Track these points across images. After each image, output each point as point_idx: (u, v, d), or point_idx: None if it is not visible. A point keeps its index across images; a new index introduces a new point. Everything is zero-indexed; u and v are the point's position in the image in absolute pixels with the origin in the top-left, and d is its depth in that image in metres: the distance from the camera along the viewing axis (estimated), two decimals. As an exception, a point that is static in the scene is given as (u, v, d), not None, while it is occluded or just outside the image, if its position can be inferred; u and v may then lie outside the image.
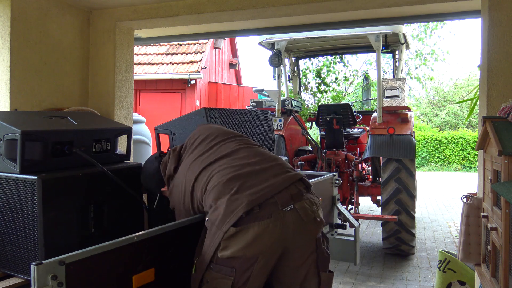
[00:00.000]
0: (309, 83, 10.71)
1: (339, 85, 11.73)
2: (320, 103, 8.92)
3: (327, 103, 10.10)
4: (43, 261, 1.18)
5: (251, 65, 51.07)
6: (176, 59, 11.50)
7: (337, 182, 3.10)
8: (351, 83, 13.50)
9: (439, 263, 3.59)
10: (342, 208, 3.16)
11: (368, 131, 5.53)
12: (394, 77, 6.34)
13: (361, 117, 6.12)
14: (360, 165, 5.54)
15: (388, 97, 5.46)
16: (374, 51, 5.58)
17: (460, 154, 18.05)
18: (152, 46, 11.94)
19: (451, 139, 18.32)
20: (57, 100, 3.38)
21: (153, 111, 10.71)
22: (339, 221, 3.16)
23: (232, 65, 14.63)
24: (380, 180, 5.12)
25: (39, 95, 3.20)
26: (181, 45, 11.86)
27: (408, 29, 6.03)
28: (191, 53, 11.62)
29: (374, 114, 5.33)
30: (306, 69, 10.66)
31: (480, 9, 2.74)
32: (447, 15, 3.44)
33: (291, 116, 5.89)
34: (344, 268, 4.76)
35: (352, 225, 3.06)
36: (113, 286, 1.42)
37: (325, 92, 10.58)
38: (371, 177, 5.77)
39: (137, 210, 2.20)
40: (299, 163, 5.44)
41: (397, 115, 5.22)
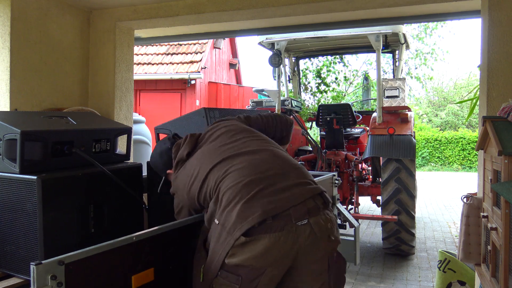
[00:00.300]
0: (309, 83, 10.71)
1: (339, 85, 11.73)
2: (320, 103, 8.92)
3: (327, 103, 10.10)
4: (43, 261, 1.18)
5: (251, 65, 51.15)
6: (176, 59, 11.50)
7: (337, 182, 3.10)
8: (351, 83, 13.50)
9: (439, 263, 3.59)
10: (342, 208, 3.16)
11: (368, 131, 5.53)
12: (394, 77, 6.34)
13: (361, 117, 6.12)
14: (360, 165, 5.54)
15: (388, 97, 5.46)
16: (374, 51, 5.57)
17: (460, 154, 18.05)
18: (152, 46, 11.94)
19: (451, 139, 18.32)
20: (57, 100, 3.38)
21: (153, 111, 10.71)
22: (339, 221, 3.16)
23: (232, 65, 14.63)
24: (380, 180, 5.12)
25: (39, 95, 3.20)
26: (181, 45, 11.86)
27: (408, 29, 6.04)
28: (191, 53, 11.62)
29: (374, 114, 5.33)
30: (306, 69, 10.66)
31: (480, 9, 2.74)
32: (447, 15, 3.44)
33: (291, 116, 5.89)
34: (344, 268, 4.75)
35: (352, 225, 3.06)
36: (112, 286, 1.42)
37: (325, 92, 10.58)
38: (371, 177, 5.77)
39: (137, 210, 2.20)
40: (299, 163, 5.43)
41: (397, 115, 5.22)
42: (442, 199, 9.78)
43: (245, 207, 1.47)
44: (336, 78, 11.12)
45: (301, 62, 8.51)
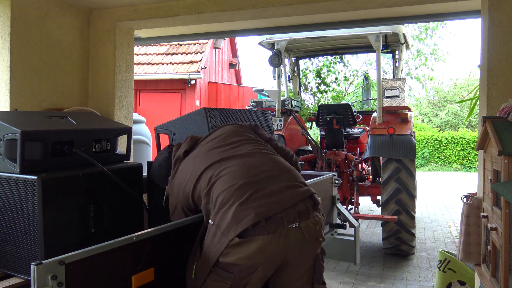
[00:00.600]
0: (309, 83, 10.71)
1: (339, 85, 11.74)
2: (320, 103, 8.92)
3: (327, 103, 10.10)
4: (43, 261, 1.18)
5: (251, 65, 51.13)
6: (176, 59, 11.50)
7: (337, 182, 3.10)
8: (351, 83, 13.50)
9: (439, 263, 3.59)
10: (342, 208, 3.16)
11: (368, 131, 5.54)
12: (394, 77, 6.34)
13: (361, 117, 6.12)
14: (360, 165, 5.54)
15: (388, 97, 5.46)
16: (374, 51, 5.58)
17: (460, 154, 18.06)
18: (152, 46, 11.94)
19: (451, 139, 18.33)
20: (57, 100, 3.38)
21: (153, 111, 10.71)
22: (339, 221, 3.16)
23: (232, 65, 14.62)
24: (380, 180, 5.12)
25: (39, 95, 3.20)
26: (181, 45, 11.86)
27: (408, 30, 6.04)
28: (191, 53, 11.62)
29: (374, 114, 5.33)
30: (306, 69, 10.66)
31: (480, 9, 2.74)
32: (447, 15, 3.44)
33: (291, 116, 5.89)
34: (344, 268, 4.76)
35: (352, 225, 3.06)
36: (112, 286, 1.42)
37: (325, 92, 10.58)
38: (371, 177, 5.77)
39: (137, 210, 2.20)
40: (299, 163, 5.43)
41: (397, 115, 5.22)
42: (442, 199, 9.78)
43: (239, 210, 1.54)
44: (336, 78, 11.13)
45: (301, 62, 8.51)
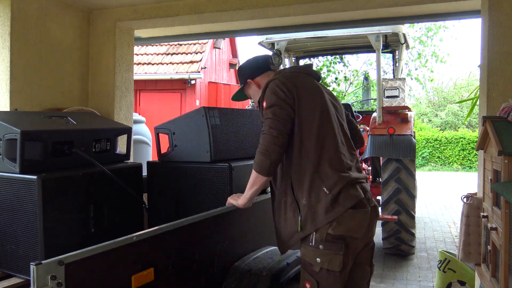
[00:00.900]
0: (309, 83, 10.68)
1: (339, 85, 11.74)
2: (320, 103, 8.89)
3: (327, 103, 10.06)
4: (43, 261, 1.18)
5: (251, 65, 50.90)
6: (176, 59, 11.50)
7: (337, 182, 3.10)
8: (351, 83, 13.51)
9: (439, 263, 3.59)
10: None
11: (368, 131, 5.53)
12: (394, 77, 6.34)
13: (361, 117, 6.12)
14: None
15: (388, 97, 5.45)
16: (374, 51, 5.57)
17: (460, 154, 18.06)
18: (152, 46, 11.94)
19: (451, 139, 18.33)
20: (57, 100, 3.38)
21: (153, 111, 10.71)
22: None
23: (232, 65, 14.62)
24: (380, 180, 5.12)
25: (39, 95, 3.20)
26: (181, 45, 11.86)
27: (410, 31, 6.03)
28: (191, 53, 11.61)
29: (374, 114, 5.33)
30: (306, 69, 10.64)
31: (480, 9, 2.74)
32: (447, 15, 3.44)
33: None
34: (344, 268, 4.75)
35: (352, 225, 3.06)
36: (112, 286, 1.42)
37: (325, 92, 10.56)
38: (371, 177, 5.77)
39: (137, 210, 2.20)
40: None
41: (397, 115, 5.22)
42: (442, 199, 9.78)
43: (351, 185, 1.79)
44: (336, 78, 11.13)
45: (301, 62, 8.50)
